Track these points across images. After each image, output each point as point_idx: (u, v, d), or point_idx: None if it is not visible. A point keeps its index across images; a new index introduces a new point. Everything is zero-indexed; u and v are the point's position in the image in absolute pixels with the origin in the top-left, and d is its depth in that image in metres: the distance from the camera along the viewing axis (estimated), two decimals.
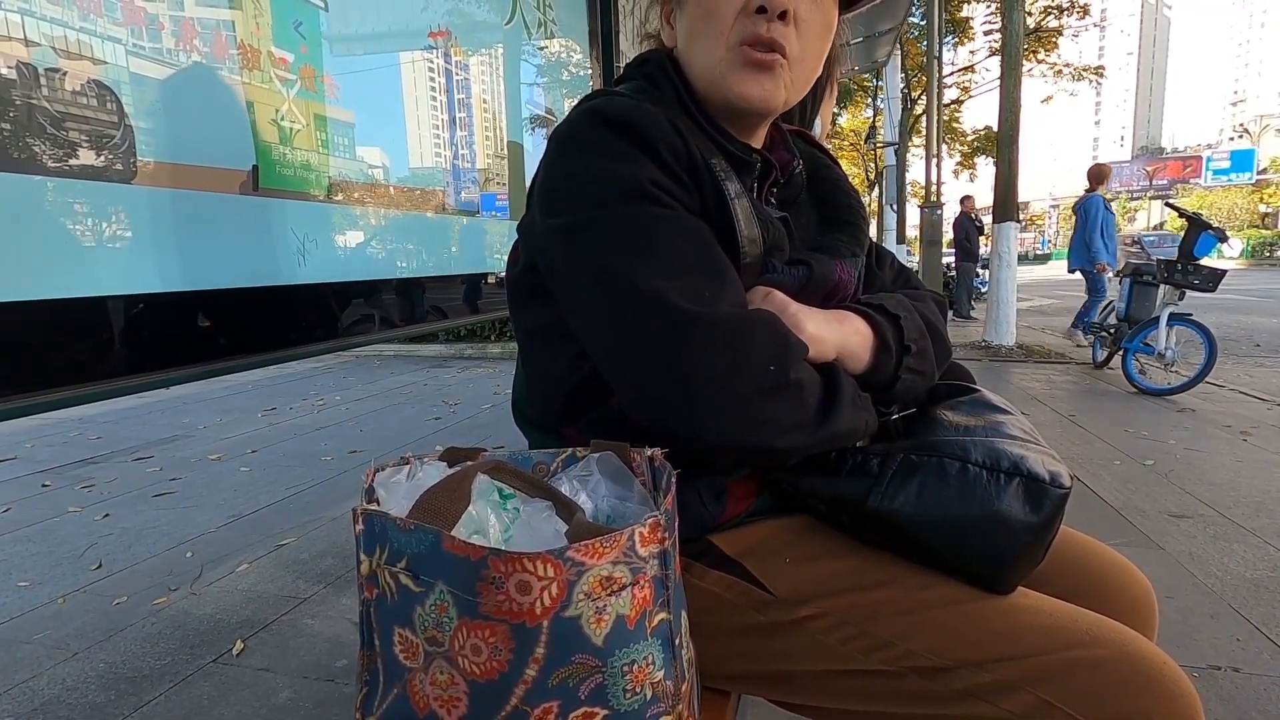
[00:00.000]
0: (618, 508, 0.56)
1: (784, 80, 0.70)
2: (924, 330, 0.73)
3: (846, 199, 0.84)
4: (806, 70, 0.72)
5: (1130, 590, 0.76)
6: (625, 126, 0.64)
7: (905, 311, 0.72)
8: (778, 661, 0.67)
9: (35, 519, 2.87)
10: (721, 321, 0.57)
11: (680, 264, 0.60)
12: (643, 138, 0.63)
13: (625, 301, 0.58)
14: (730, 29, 0.68)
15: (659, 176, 0.63)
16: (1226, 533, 2.40)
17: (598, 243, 0.61)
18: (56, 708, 1.60)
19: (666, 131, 0.64)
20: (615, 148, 0.63)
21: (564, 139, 0.67)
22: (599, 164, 0.63)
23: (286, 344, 1.10)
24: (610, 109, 0.65)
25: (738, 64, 0.69)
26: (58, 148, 0.77)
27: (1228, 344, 6.81)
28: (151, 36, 0.89)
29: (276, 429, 4.42)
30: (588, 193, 0.63)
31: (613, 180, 0.62)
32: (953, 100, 18.97)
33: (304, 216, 1.12)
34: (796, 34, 0.68)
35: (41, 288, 0.75)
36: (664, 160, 0.63)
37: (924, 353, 0.72)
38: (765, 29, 0.67)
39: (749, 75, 0.69)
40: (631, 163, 0.62)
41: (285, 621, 1.97)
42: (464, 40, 1.69)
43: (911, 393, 0.73)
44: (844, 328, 0.67)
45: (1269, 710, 1.48)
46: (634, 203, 0.61)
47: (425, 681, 0.47)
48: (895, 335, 0.70)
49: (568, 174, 0.65)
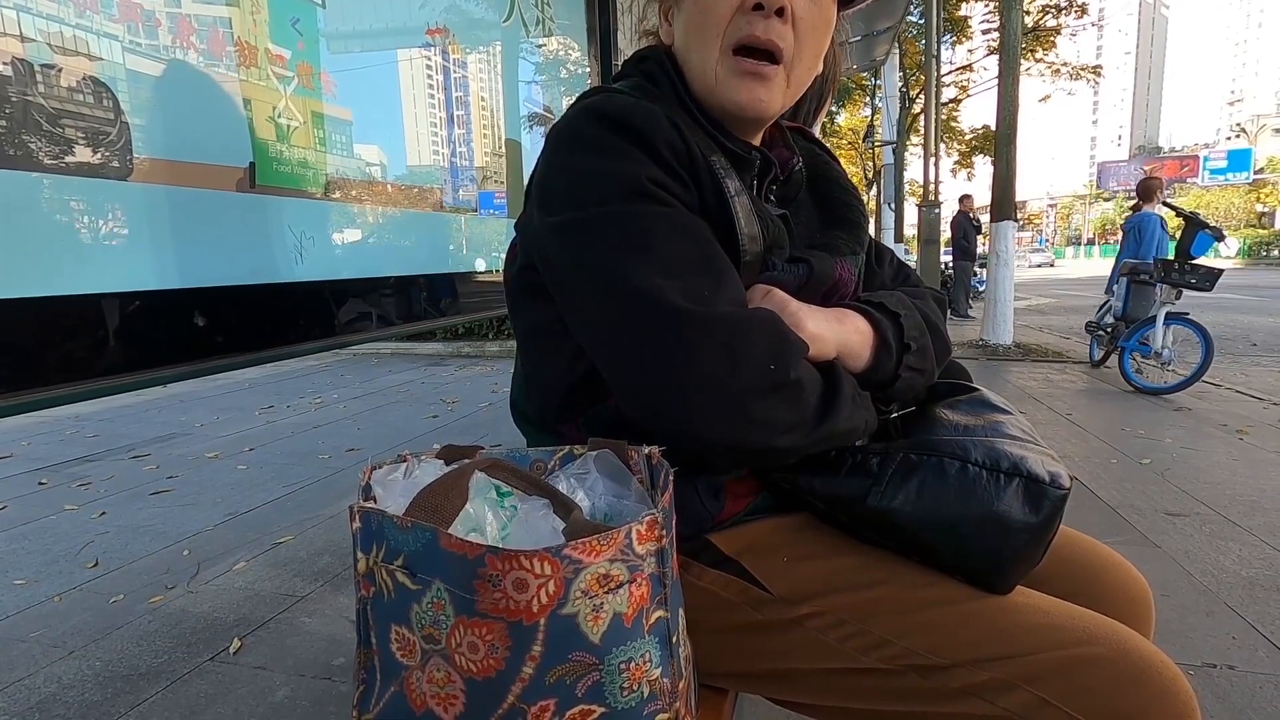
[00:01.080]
0: (615, 506, 0.56)
1: (780, 85, 0.70)
2: (924, 328, 0.73)
3: (846, 196, 0.83)
4: (804, 69, 0.72)
5: (1127, 588, 0.76)
6: (624, 124, 0.63)
7: (905, 309, 0.72)
8: (776, 660, 0.67)
9: (31, 517, 2.87)
10: (720, 320, 0.57)
11: (679, 263, 0.60)
12: (641, 135, 0.63)
13: (623, 300, 0.58)
14: (726, 27, 0.67)
15: (658, 174, 0.62)
16: (1222, 531, 2.40)
17: (596, 241, 0.61)
18: (53, 706, 1.60)
19: (665, 129, 0.64)
20: (614, 145, 0.63)
21: (562, 136, 0.66)
22: (598, 162, 0.63)
23: (283, 342, 1.09)
24: (609, 106, 0.65)
25: (733, 73, 0.68)
26: (53, 144, 0.77)
27: (1224, 343, 6.83)
28: (148, 33, 0.89)
29: (274, 427, 4.41)
30: (586, 191, 0.62)
31: (611, 178, 0.62)
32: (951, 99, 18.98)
33: (301, 214, 1.12)
34: (794, 32, 0.68)
35: (37, 285, 0.75)
36: (663, 158, 0.63)
37: (924, 350, 0.72)
38: (762, 28, 0.66)
39: (744, 84, 0.69)
40: (630, 161, 0.62)
41: (282, 620, 1.97)
42: (462, 38, 1.69)
43: (912, 390, 0.73)
44: (844, 326, 0.67)
45: (1264, 708, 1.48)
46: (633, 201, 0.61)
47: (422, 679, 0.46)
48: (895, 333, 0.70)
49: (566, 172, 0.65)
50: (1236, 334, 8.12)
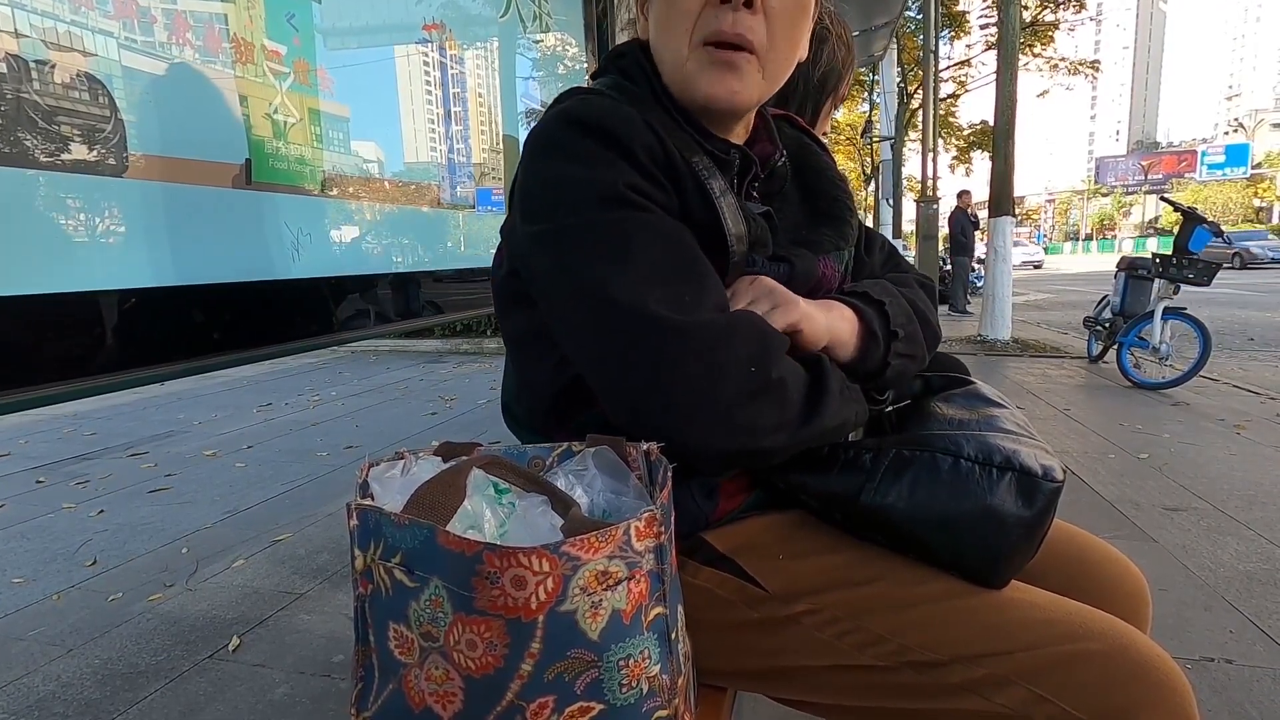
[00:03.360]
0: (614, 502, 0.56)
1: (754, 76, 0.68)
2: (911, 314, 0.73)
3: (833, 190, 0.82)
4: (780, 59, 0.70)
5: (1124, 583, 0.76)
6: (599, 129, 0.63)
7: (890, 297, 0.72)
8: (772, 657, 0.67)
9: (29, 515, 2.86)
10: (701, 328, 0.57)
11: (659, 270, 0.59)
12: (617, 140, 0.62)
13: (604, 311, 0.58)
14: (695, 21, 0.66)
15: (636, 180, 0.62)
16: (1220, 526, 2.41)
17: (575, 251, 0.60)
18: (52, 704, 1.60)
19: (642, 133, 0.63)
20: (589, 152, 0.62)
21: (538, 142, 0.66)
22: (575, 169, 0.62)
23: (281, 339, 1.09)
24: (583, 111, 0.64)
25: (705, 64, 0.67)
26: (49, 141, 0.77)
27: (1222, 338, 6.83)
28: (144, 30, 0.89)
29: (271, 425, 4.41)
30: (563, 199, 0.62)
31: (588, 186, 0.61)
32: (949, 95, 18.96)
33: (298, 211, 1.12)
34: (765, 21, 0.67)
35: (33, 283, 0.75)
36: (640, 163, 0.63)
37: (912, 337, 0.72)
38: (730, 21, 0.65)
39: (715, 76, 0.67)
40: (607, 167, 0.61)
41: (281, 617, 1.97)
42: (459, 33, 1.68)
43: (904, 378, 0.73)
44: (831, 313, 0.67)
45: (1261, 702, 1.49)
46: (610, 209, 0.60)
47: (420, 677, 0.46)
48: (881, 322, 0.70)
49: (542, 179, 0.64)
50: (1234, 329, 8.13)
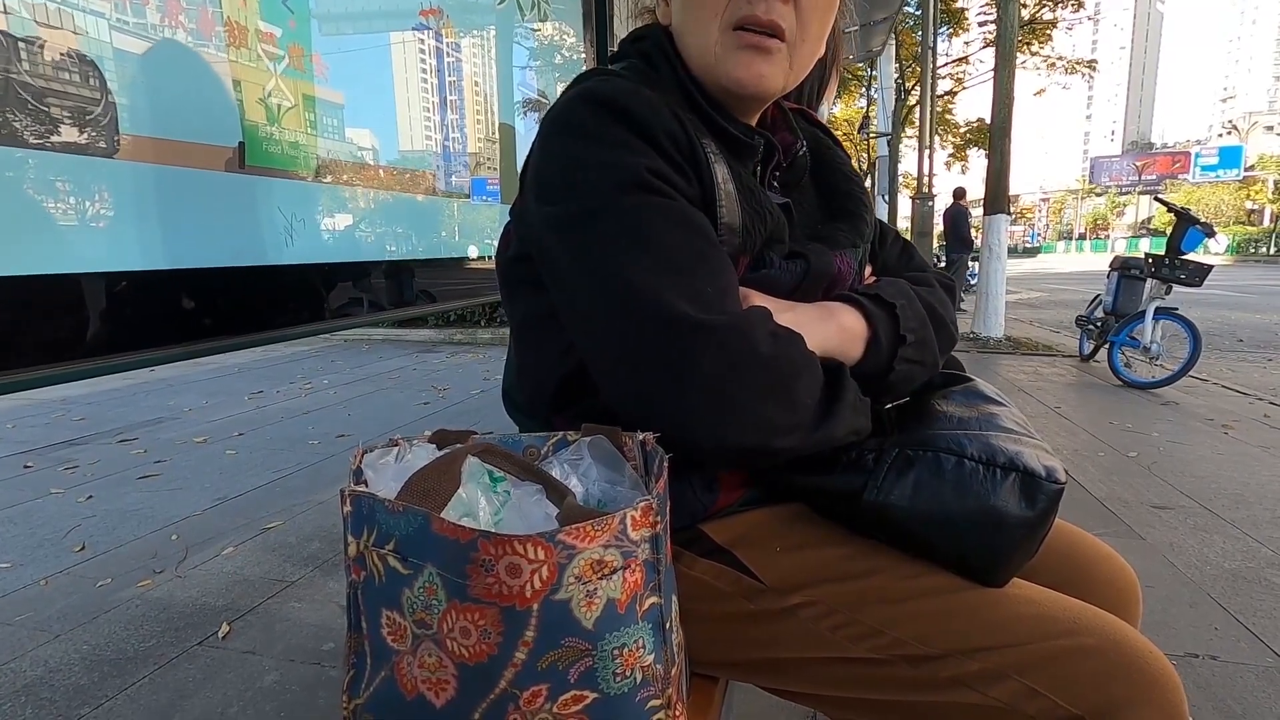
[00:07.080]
0: (609, 492, 0.56)
1: (782, 64, 0.67)
2: (924, 319, 0.71)
3: (849, 185, 0.81)
4: (807, 51, 0.69)
5: (1116, 580, 0.77)
6: (623, 111, 0.61)
7: (904, 299, 0.70)
8: (767, 649, 0.67)
9: (17, 500, 2.84)
10: (721, 326, 0.55)
11: (679, 260, 0.58)
12: (641, 124, 0.61)
13: (621, 300, 0.56)
14: (725, 7, 0.65)
15: (659, 165, 0.60)
16: (1207, 524, 2.43)
17: (594, 236, 0.59)
18: (39, 689, 1.59)
19: (666, 118, 0.62)
20: (612, 134, 0.61)
21: (559, 122, 0.64)
22: (596, 151, 0.60)
23: (273, 325, 1.08)
24: (608, 91, 0.62)
25: (733, 47, 0.66)
26: (37, 121, 0.75)
27: (1212, 339, 6.87)
28: (135, 11, 0.87)
29: (263, 412, 4.39)
30: (584, 182, 0.60)
31: (610, 169, 0.59)
32: (946, 91, 18.97)
33: (292, 196, 1.10)
34: (796, 12, 0.66)
35: (20, 264, 0.74)
36: (663, 148, 0.61)
37: (923, 343, 0.70)
38: (763, 8, 0.64)
39: (745, 59, 0.66)
40: (629, 151, 0.60)
41: (271, 605, 1.97)
42: (456, 20, 1.67)
43: (909, 383, 0.71)
44: (827, 326, 0.65)
45: (1245, 697, 1.50)
46: (632, 194, 0.59)
47: (413, 664, 0.46)
48: (890, 326, 0.68)
49: (562, 160, 0.62)
50: (1224, 330, 8.18)
